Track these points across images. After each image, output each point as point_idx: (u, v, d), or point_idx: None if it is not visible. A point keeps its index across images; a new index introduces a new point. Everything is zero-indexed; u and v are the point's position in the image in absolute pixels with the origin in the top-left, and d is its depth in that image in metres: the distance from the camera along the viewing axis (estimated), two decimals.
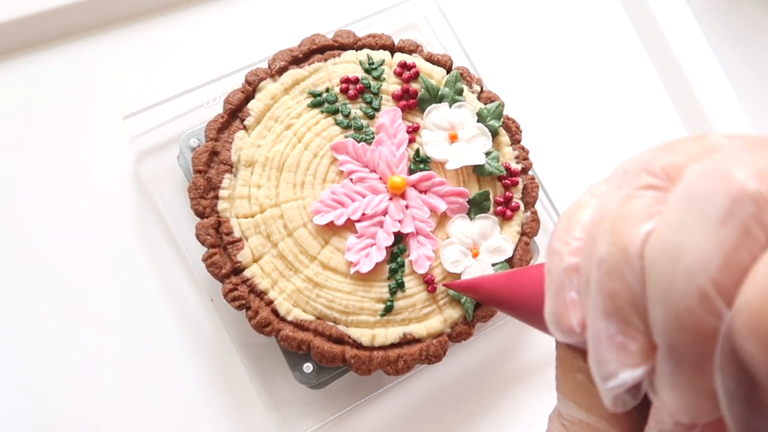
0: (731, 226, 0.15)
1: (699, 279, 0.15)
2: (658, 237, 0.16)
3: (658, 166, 0.17)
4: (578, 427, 0.21)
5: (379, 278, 0.34)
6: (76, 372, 0.35)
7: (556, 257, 0.19)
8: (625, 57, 0.47)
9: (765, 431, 0.15)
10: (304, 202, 0.35)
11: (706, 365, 0.15)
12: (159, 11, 0.41)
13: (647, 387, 0.17)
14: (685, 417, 0.16)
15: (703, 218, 0.15)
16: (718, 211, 0.15)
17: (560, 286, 0.19)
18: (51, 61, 0.39)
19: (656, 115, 0.46)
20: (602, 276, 0.17)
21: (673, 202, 0.16)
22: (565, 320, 0.19)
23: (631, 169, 0.18)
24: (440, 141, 0.36)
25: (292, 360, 0.34)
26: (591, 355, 0.18)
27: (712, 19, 0.50)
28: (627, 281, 0.17)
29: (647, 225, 0.17)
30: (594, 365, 0.18)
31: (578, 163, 0.44)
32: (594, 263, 0.17)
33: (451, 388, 0.39)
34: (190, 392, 0.36)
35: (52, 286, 0.36)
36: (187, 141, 0.36)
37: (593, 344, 0.18)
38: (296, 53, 0.37)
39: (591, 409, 0.21)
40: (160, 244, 0.37)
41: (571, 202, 0.20)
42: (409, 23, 0.42)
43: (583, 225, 0.19)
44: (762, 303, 0.14)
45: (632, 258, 0.17)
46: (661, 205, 0.17)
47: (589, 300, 0.18)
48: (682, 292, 0.15)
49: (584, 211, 0.20)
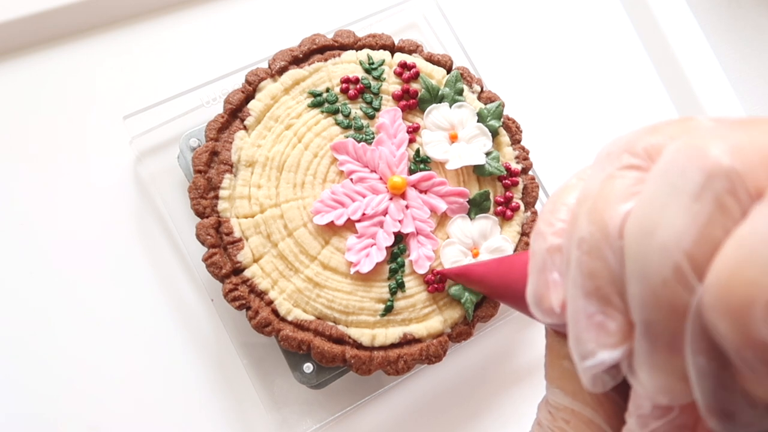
0: (705, 201, 0.15)
1: (673, 254, 0.15)
2: (635, 214, 0.16)
3: (640, 146, 0.17)
4: (564, 414, 0.21)
5: (379, 278, 0.34)
6: (75, 372, 0.35)
7: (540, 238, 0.19)
8: (625, 57, 0.47)
9: (734, 409, 0.15)
10: (304, 202, 0.35)
11: (680, 343, 0.15)
12: (159, 11, 0.41)
13: (626, 369, 0.17)
14: (662, 398, 0.16)
15: (677, 194, 0.15)
16: (693, 186, 0.15)
17: (543, 266, 0.19)
18: (51, 61, 0.39)
19: (656, 115, 0.46)
20: (582, 255, 0.17)
21: (650, 179, 0.16)
22: (546, 300, 0.19)
23: (614, 151, 0.18)
24: (440, 141, 0.36)
25: (292, 360, 0.34)
26: (570, 335, 0.18)
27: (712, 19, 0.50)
28: (606, 260, 0.17)
29: (627, 204, 0.17)
30: (573, 344, 0.18)
31: (578, 164, 0.44)
32: (575, 242, 0.17)
33: (451, 389, 0.39)
34: (190, 392, 0.36)
35: (52, 286, 0.36)
36: (188, 141, 0.36)
37: (572, 323, 0.18)
38: (296, 53, 0.37)
39: (576, 395, 0.21)
40: (160, 244, 0.37)
41: (559, 186, 0.20)
42: (409, 23, 0.42)
43: (568, 207, 0.19)
44: (730, 278, 0.14)
45: (612, 236, 0.17)
46: (641, 184, 0.17)
47: (569, 279, 0.18)
48: (657, 268, 0.15)
49: (570, 193, 0.20)
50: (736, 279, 0.14)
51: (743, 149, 0.15)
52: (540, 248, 0.19)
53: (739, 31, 0.50)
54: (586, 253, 0.17)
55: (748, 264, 0.14)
